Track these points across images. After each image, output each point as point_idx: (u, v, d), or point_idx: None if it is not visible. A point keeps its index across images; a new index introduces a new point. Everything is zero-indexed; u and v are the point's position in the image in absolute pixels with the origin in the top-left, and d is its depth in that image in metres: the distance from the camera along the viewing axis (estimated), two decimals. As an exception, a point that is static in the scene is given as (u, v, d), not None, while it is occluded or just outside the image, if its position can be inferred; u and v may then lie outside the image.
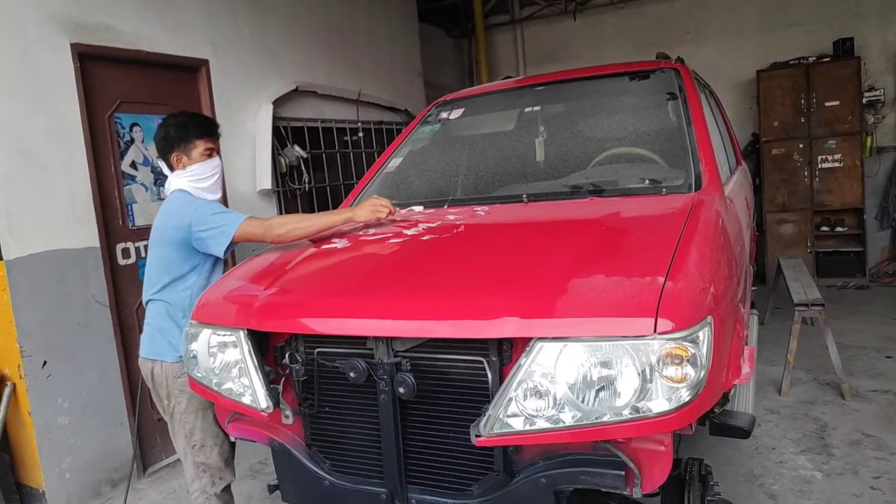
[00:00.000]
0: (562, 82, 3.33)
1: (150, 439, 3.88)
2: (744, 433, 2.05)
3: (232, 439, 2.53)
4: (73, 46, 3.48)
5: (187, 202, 2.44)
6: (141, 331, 2.65)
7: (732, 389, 2.02)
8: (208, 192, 2.54)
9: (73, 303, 3.45)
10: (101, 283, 3.58)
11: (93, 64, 3.61)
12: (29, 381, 3.24)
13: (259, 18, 4.74)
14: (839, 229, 6.81)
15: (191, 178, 2.49)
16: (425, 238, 2.26)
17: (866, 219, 6.75)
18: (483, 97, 3.53)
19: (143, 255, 3.88)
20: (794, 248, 6.80)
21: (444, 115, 3.40)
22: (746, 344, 2.09)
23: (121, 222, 3.76)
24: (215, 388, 2.16)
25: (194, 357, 2.20)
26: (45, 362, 3.31)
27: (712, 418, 2.02)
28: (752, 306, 4.15)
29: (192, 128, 2.49)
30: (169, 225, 2.44)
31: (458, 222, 2.41)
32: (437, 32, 8.22)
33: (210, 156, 2.53)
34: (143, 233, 3.89)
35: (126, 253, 3.79)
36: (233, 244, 2.41)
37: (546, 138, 3.20)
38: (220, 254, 2.43)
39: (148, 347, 2.53)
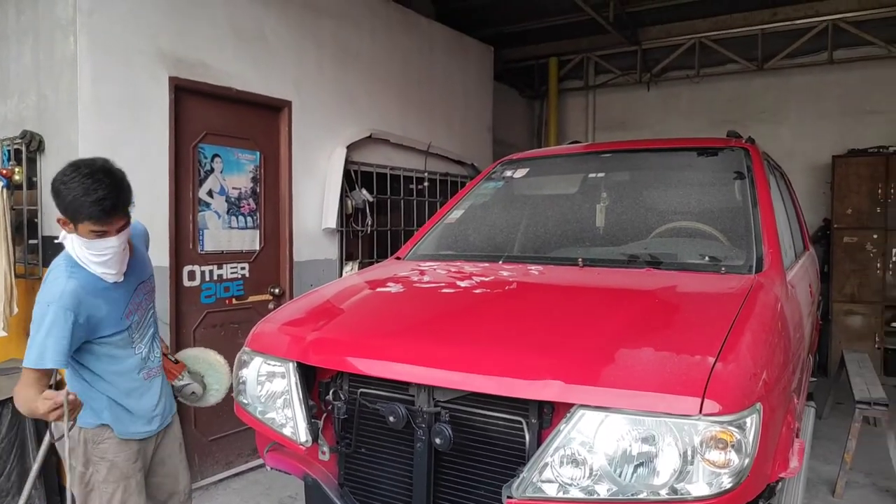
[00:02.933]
0: (629, 151, 3.37)
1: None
2: (789, 531, 1.96)
3: None
4: (171, 79, 3.74)
5: (48, 290, 2.09)
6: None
7: (780, 483, 1.94)
8: (101, 266, 2.14)
9: (138, 317, 3.61)
10: (164, 302, 3.73)
11: (186, 96, 3.87)
12: (87, 387, 3.39)
13: (343, 64, 4.98)
14: (912, 327, 6.48)
15: (80, 245, 2.11)
16: (477, 291, 2.30)
17: (943, 319, 6.40)
18: (549, 159, 3.59)
19: (207, 278, 4.05)
20: (861, 341, 6.48)
21: (508, 173, 3.47)
22: (797, 437, 2.01)
23: (191, 246, 3.95)
24: (258, 416, 2.22)
25: (243, 383, 2.28)
26: None
27: (757, 511, 1.94)
28: (810, 398, 3.98)
29: (84, 209, 1.99)
30: None
31: (510, 279, 2.44)
32: (510, 92, 8.42)
33: (100, 236, 2.07)
34: (210, 257, 4.07)
35: (192, 275, 3.97)
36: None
37: (608, 205, 3.21)
38: None
39: None
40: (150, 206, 3.66)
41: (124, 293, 2.27)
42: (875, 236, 6.49)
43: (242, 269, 4.31)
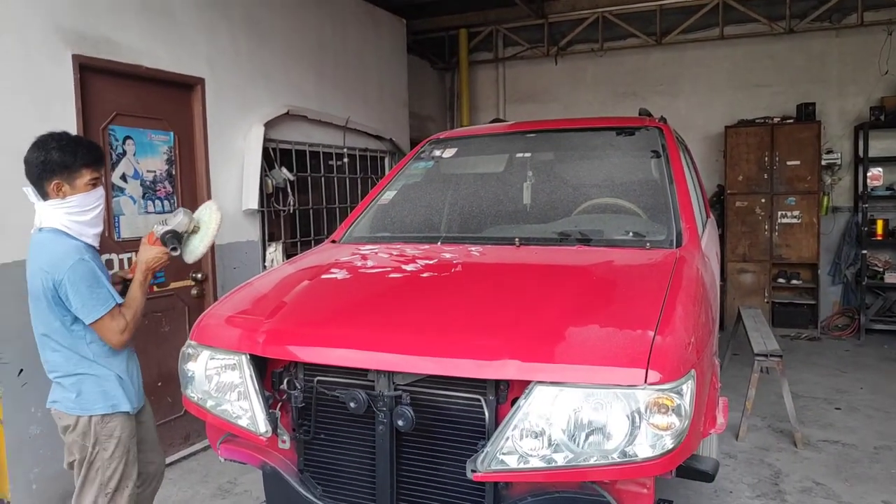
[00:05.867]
0: (552, 131, 3.51)
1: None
2: (708, 477, 2.17)
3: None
4: (75, 58, 3.51)
5: (63, 255, 2.22)
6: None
7: (703, 436, 2.16)
8: (89, 226, 2.33)
9: (54, 312, 3.43)
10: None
11: (92, 75, 3.65)
12: (4, 388, 3.21)
13: (257, 39, 4.82)
14: (795, 282, 7.16)
15: (70, 210, 2.27)
16: (424, 275, 2.37)
17: (820, 274, 7.11)
18: (476, 139, 3.67)
19: (125, 266, 3.89)
20: (752, 297, 7.11)
21: (437, 152, 3.53)
22: (719, 395, 2.24)
23: (107, 234, 3.76)
24: (211, 410, 2.21)
25: (191, 377, 2.25)
26: (21, 370, 3.28)
27: (680, 461, 2.15)
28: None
29: (80, 154, 2.27)
30: (39, 278, 2.25)
31: (454, 261, 2.53)
32: (421, 64, 8.41)
33: (94, 186, 2.33)
34: (128, 244, 3.90)
35: (109, 264, 3.79)
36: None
37: (534, 183, 3.35)
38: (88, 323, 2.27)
39: (73, 402, 2.33)
40: (61, 195, 3.45)
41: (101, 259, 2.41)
42: (763, 200, 7.08)
43: (162, 255, 4.14)
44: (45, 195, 2.29)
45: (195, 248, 2.63)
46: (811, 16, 7.10)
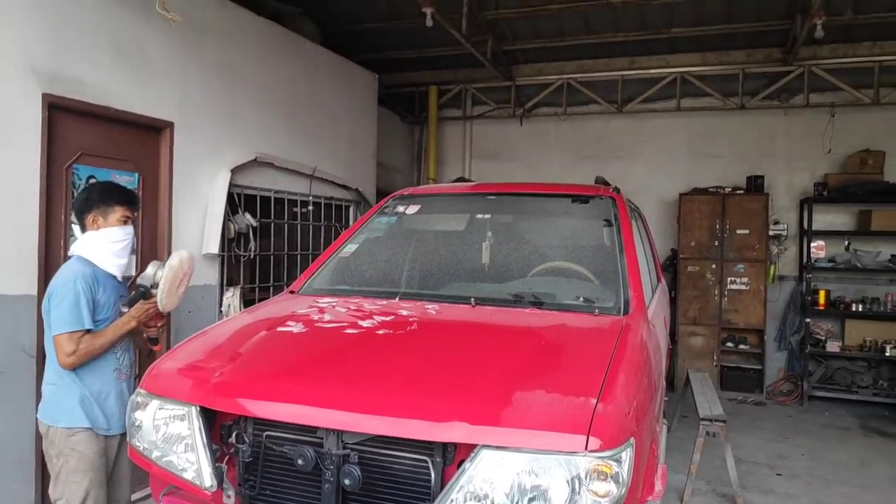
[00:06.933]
0: (512, 195, 3.64)
1: (52, 500, 3.69)
2: (648, 541, 2.24)
3: None
4: (45, 96, 3.53)
5: (64, 274, 2.60)
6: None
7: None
8: (116, 255, 2.73)
9: (-1, 350, 3.36)
10: (31, 333, 3.49)
11: (61, 114, 3.66)
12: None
13: (229, 86, 4.90)
14: (742, 347, 7.38)
15: (103, 239, 2.68)
16: (380, 332, 2.42)
17: (766, 339, 7.35)
18: (439, 197, 3.79)
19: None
20: (702, 359, 7.30)
21: (401, 208, 3.61)
22: (659, 461, 2.31)
23: (62, 272, 3.72)
24: (156, 461, 2.19)
25: (138, 427, 2.24)
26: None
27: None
28: (663, 415, 4.46)
29: (115, 195, 2.74)
30: (47, 292, 2.60)
31: (410, 319, 2.58)
32: (391, 116, 8.60)
33: (125, 223, 2.74)
34: (82, 284, 3.84)
35: (62, 303, 3.73)
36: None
37: (493, 244, 3.45)
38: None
39: (45, 411, 2.64)
40: (18, 230, 3.44)
41: (117, 287, 2.76)
42: (713, 266, 7.35)
43: (117, 295, 4.10)
44: (83, 227, 2.70)
45: (160, 300, 2.69)
46: (762, 94, 7.54)
